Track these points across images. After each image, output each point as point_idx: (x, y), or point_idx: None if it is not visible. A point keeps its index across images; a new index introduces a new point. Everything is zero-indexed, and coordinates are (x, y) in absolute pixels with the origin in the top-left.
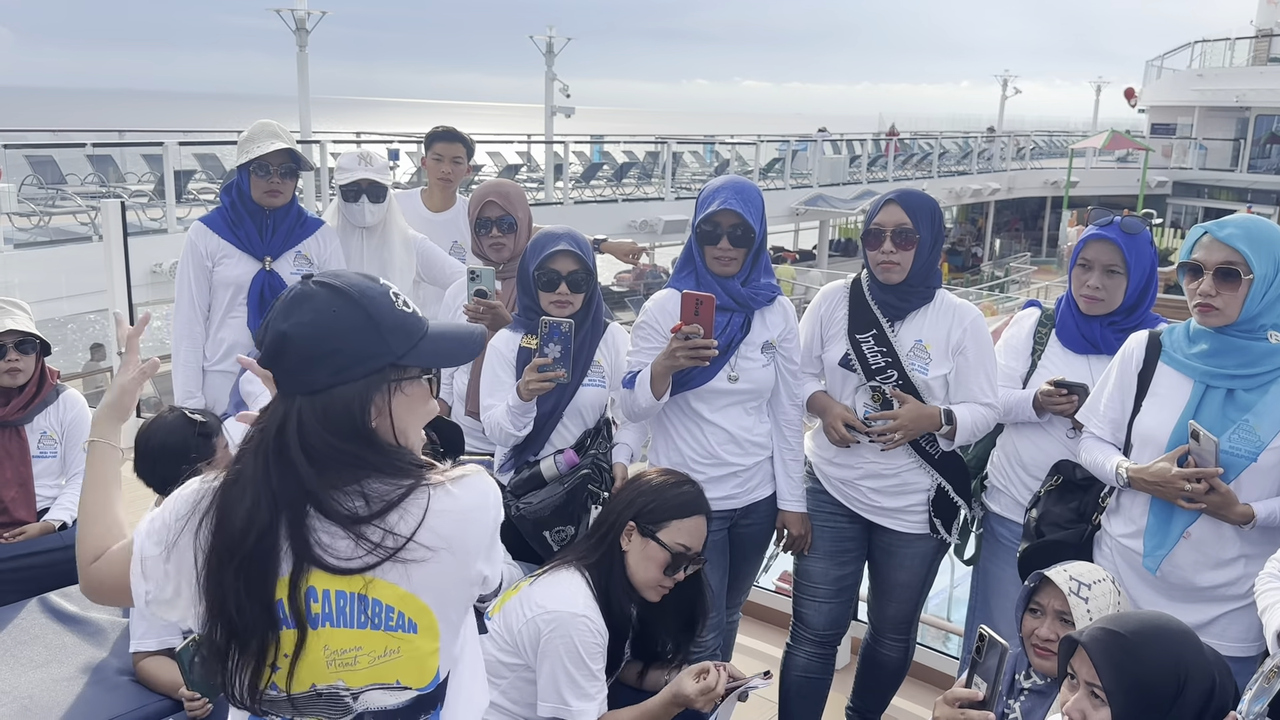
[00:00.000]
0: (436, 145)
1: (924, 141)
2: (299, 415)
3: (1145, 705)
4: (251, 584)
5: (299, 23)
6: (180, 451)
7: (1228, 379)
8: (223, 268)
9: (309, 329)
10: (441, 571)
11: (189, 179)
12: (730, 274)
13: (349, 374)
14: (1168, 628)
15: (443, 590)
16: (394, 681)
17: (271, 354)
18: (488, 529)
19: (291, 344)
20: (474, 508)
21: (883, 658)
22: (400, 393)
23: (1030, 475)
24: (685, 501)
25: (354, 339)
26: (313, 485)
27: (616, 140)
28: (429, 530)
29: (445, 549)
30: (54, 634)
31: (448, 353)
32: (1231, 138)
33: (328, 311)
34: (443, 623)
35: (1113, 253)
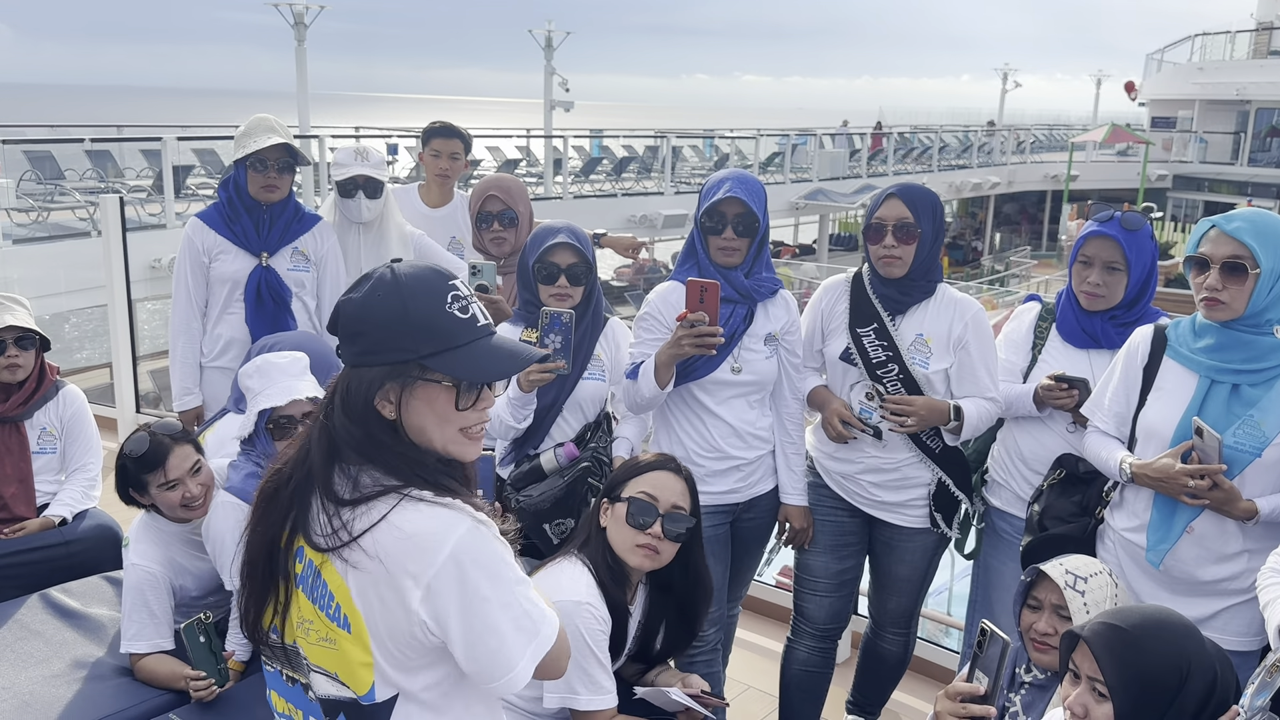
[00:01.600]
0: (434, 141)
1: (924, 135)
2: (338, 384)
3: (1148, 699)
4: (268, 526)
5: (297, 17)
6: (122, 477)
7: (1233, 374)
8: (220, 263)
9: (355, 306)
10: (372, 583)
11: (187, 174)
12: (734, 264)
13: (371, 358)
14: (1169, 621)
15: (370, 604)
16: (333, 672)
17: (331, 321)
18: (428, 563)
19: (339, 315)
20: (422, 535)
21: (883, 651)
22: (415, 393)
23: (1031, 470)
24: (648, 462)
25: (382, 327)
26: (328, 453)
27: (616, 135)
28: (372, 537)
29: (379, 562)
30: (54, 630)
31: (481, 367)
32: (1232, 131)
33: (373, 294)
34: (374, 640)
35: (1113, 249)
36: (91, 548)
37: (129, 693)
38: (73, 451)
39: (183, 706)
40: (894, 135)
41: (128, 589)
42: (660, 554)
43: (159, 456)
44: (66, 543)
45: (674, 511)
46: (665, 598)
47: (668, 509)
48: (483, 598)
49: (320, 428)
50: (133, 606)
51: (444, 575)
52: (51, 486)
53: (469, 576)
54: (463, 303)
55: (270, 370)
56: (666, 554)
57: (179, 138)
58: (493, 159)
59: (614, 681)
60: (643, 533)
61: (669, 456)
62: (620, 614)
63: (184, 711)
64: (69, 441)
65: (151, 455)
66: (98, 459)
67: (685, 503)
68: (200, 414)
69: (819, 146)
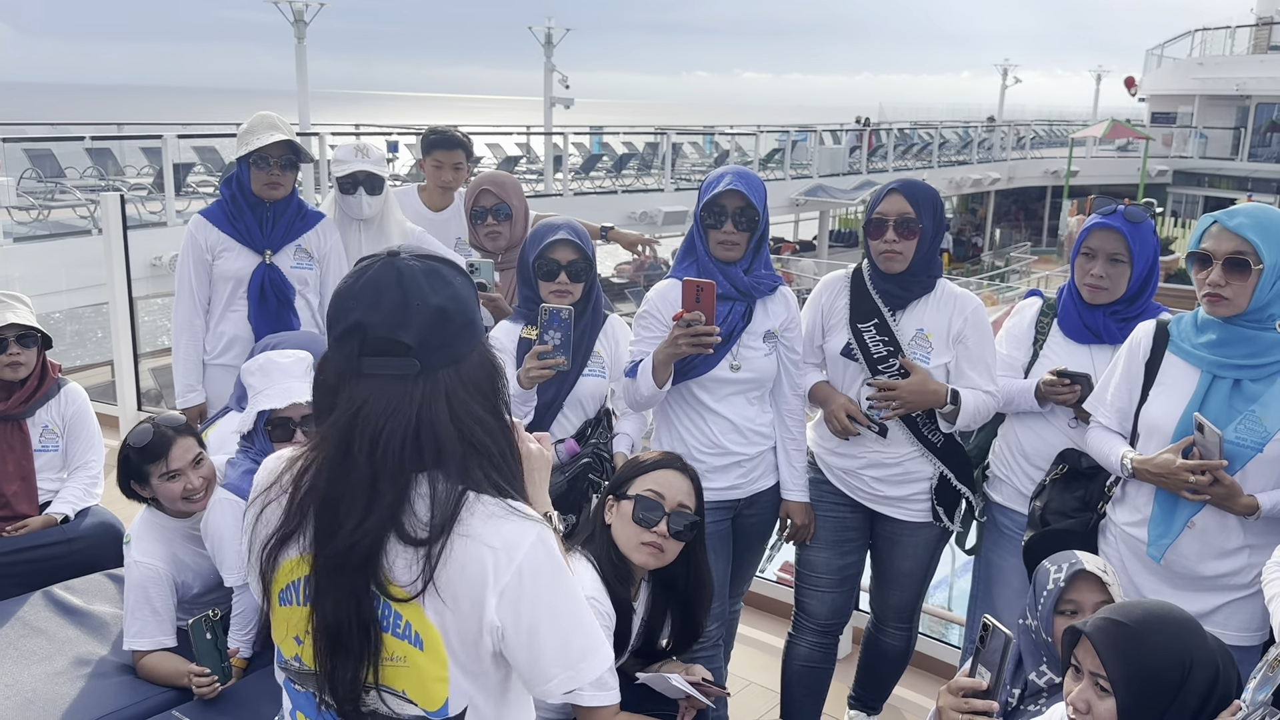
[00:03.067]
0: (436, 153)
1: (924, 131)
2: (447, 386)
3: (1151, 694)
4: (341, 596)
5: (297, 15)
6: (123, 469)
7: (1235, 369)
8: (223, 261)
9: (458, 301)
10: (450, 596)
11: (188, 172)
12: (733, 259)
13: (476, 342)
14: (1171, 616)
15: (444, 617)
16: (400, 690)
17: (430, 329)
18: (503, 571)
19: (449, 316)
20: (498, 545)
21: (885, 646)
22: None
23: (1032, 465)
24: (654, 460)
25: (475, 304)
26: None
27: (616, 131)
28: (446, 555)
29: (456, 575)
30: (57, 627)
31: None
32: (1232, 126)
33: (458, 280)
34: (449, 652)
35: (1117, 241)
36: (94, 545)
37: (132, 690)
38: (75, 449)
39: (186, 704)
40: (881, 132)
41: (130, 586)
42: (665, 552)
43: (162, 446)
44: (69, 540)
45: (680, 510)
46: (668, 595)
47: (674, 507)
48: (550, 596)
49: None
50: (135, 604)
51: (516, 582)
52: (53, 484)
53: (539, 580)
54: None
55: (272, 370)
56: (671, 552)
57: (179, 135)
58: (493, 156)
59: (617, 678)
60: (648, 530)
61: (675, 455)
62: (624, 610)
63: (187, 709)
64: (71, 439)
65: (154, 445)
66: (99, 457)
67: (691, 501)
68: (203, 411)
69: (819, 143)
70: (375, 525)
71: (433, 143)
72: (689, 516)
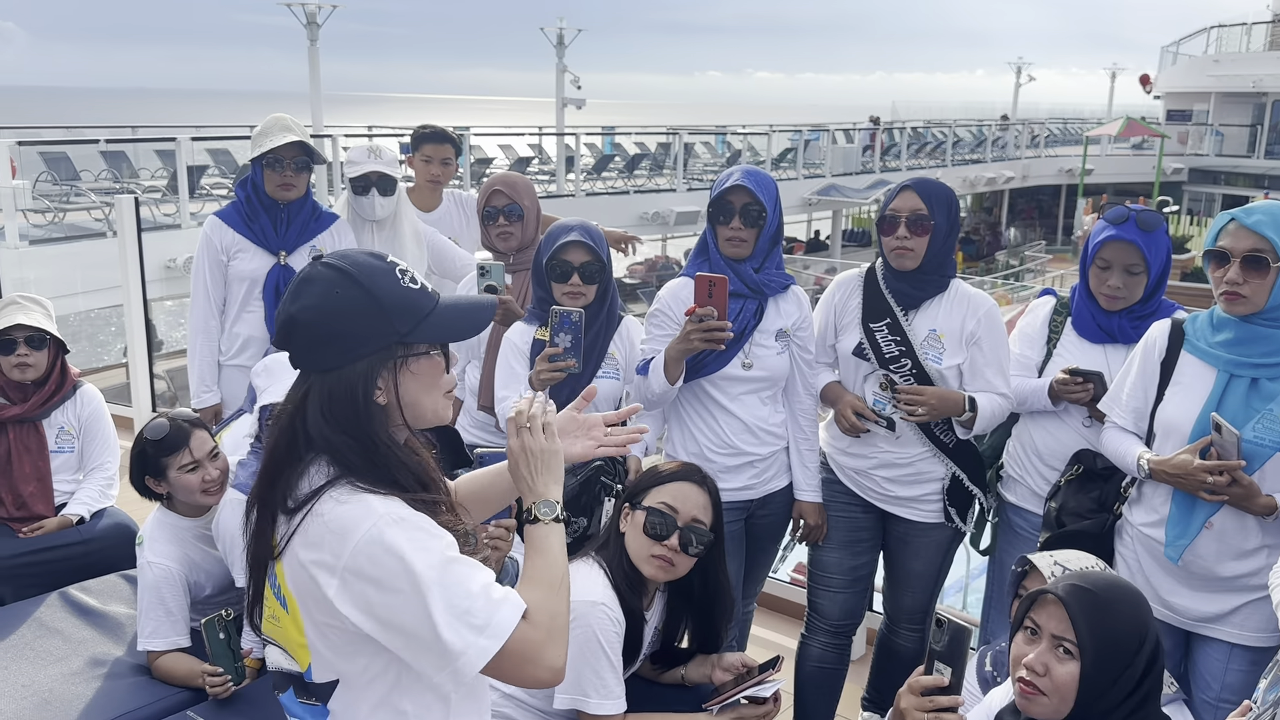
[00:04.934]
0: (425, 147)
1: (938, 130)
2: (307, 394)
3: (1111, 661)
4: (256, 548)
5: (310, 17)
6: (140, 465)
7: (1252, 368)
8: (238, 262)
9: (314, 312)
10: (299, 567)
11: (202, 174)
12: (742, 256)
13: (355, 354)
14: (1127, 587)
15: (300, 588)
16: (282, 646)
17: (282, 336)
18: (338, 553)
19: (299, 326)
20: (337, 524)
21: (899, 647)
22: (407, 370)
23: (1046, 465)
24: (672, 471)
25: (358, 320)
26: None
27: (628, 132)
28: (303, 526)
29: (302, 549)
30: (73, 628)
31: (455, 326)
32: (1248, 123)
33: (331, 294)
34: (307, 622)
35: (1132, 253)
36: (109, 546)
37: (147, 690)
38: (90, 450)
39: (200, 704)
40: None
41: (144, 587)
42: (676, 566)
43: (181, 438)
44: (84, 541)
45: (693, 524)
46: (684, 606)
47: (687, 521)
48: (396, 589)
49: (277, 440)
50: (149, 604)
51: (355, 565)
52: (69, 485)
53: (381, 566)
54: (409, 274)
55: (276, 368)
56: (682, 567)
57: (193, 138)
58: (505, 157)
59: (623, 686)
60: (659, 544)
61: (695, 467)
62: (635, 620)
63: (202, 709)
64: (87, 440)
65: (174, 437)
66: (115, 458)
67: (706, 516)
68: (219, 411)
69: (832, 142)
70: (273, 493)
71: (422, 137)
72: (702, 532)
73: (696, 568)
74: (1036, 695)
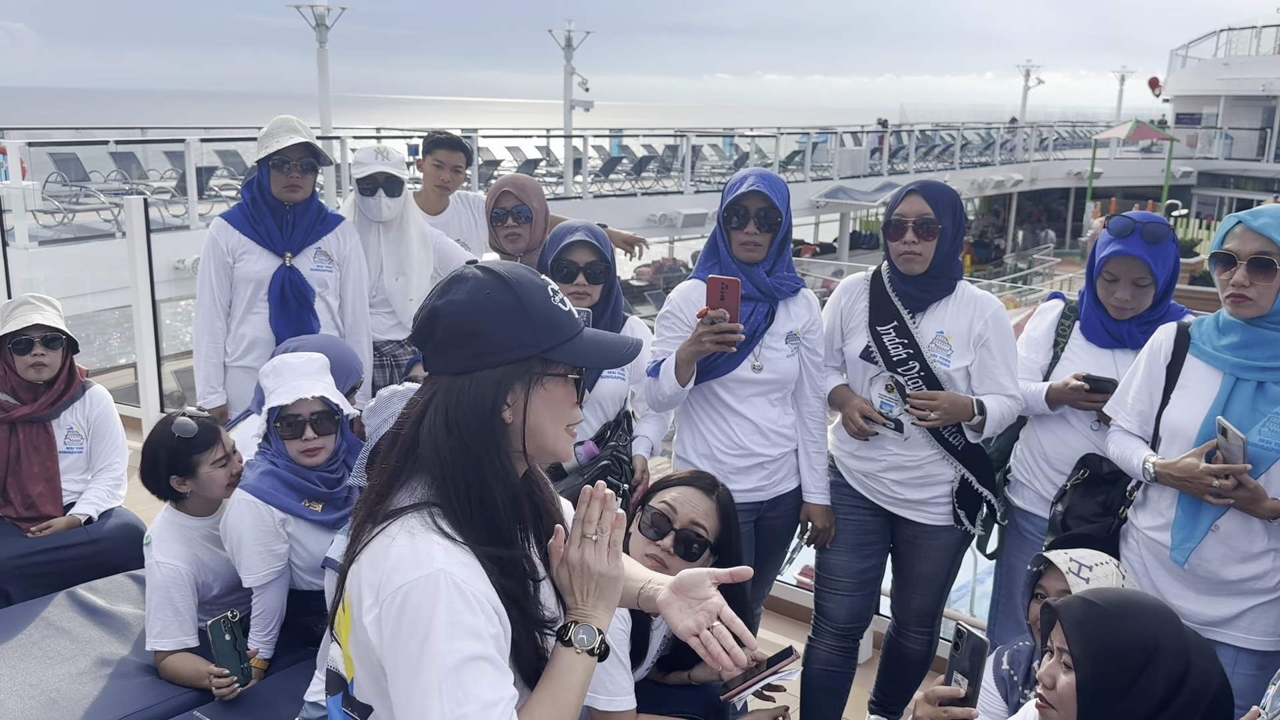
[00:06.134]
0: (438, 152)
1: (946, 133)
2: (433, 398)
3: (1109, 674)
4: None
5: (319, 19)
6: (168, 464)
7: (1258, 371)
8: (244, 263)
9: (459, 306)
10: (355, 580)
11: (211, 175)
12: (756, 260)
13: (491, 359)
14: (1145, 604)
15: (353, 601)
16: (342, 647)
17: (422, 329)
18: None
19: (440, 320)
20: (395, 557)
21: (906, 650)
22: (541, 388)
23: (1054, 469)
24: (682, 476)
25: (502, 324)
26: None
27: (635, 134)
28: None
29: (362, 565)
30: (81, 627)
31: (599, 354)
32: (1258, 127)
33: (480, 292)
34: (352, 635)
35: (1139, 267)
36: (117, 546)
37: (154, 690)
38: (99, 451)
39: (207, 704)
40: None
41: (152, 587)
42: (669, 569)
43: (214, 433)
44: (92, 541)
45: (690, 528)
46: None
47: (684, 524)
48: (407, 655)
49: (397, 445)
50: (157, 604)
51: (389, 605)
52: (78, 485)
53: (410, 621)
54: (559, 296)
55: (284, 370)
56: (677, 570)
57: (202, 139)
58: (513, 159)
59: (632, 682)
60: (653, 544)
61: (708, 476)
62: (641, 620)
63: (208, 709)
64: (95, 441)
65: (206, 434)
66: (123, 458)
67: (708, 523)
68: (224, 412)
69: (840, 145)
70: (370, 496)
71: (436, 142)
72: (699, 537)
73: None
74: (1046, 708)
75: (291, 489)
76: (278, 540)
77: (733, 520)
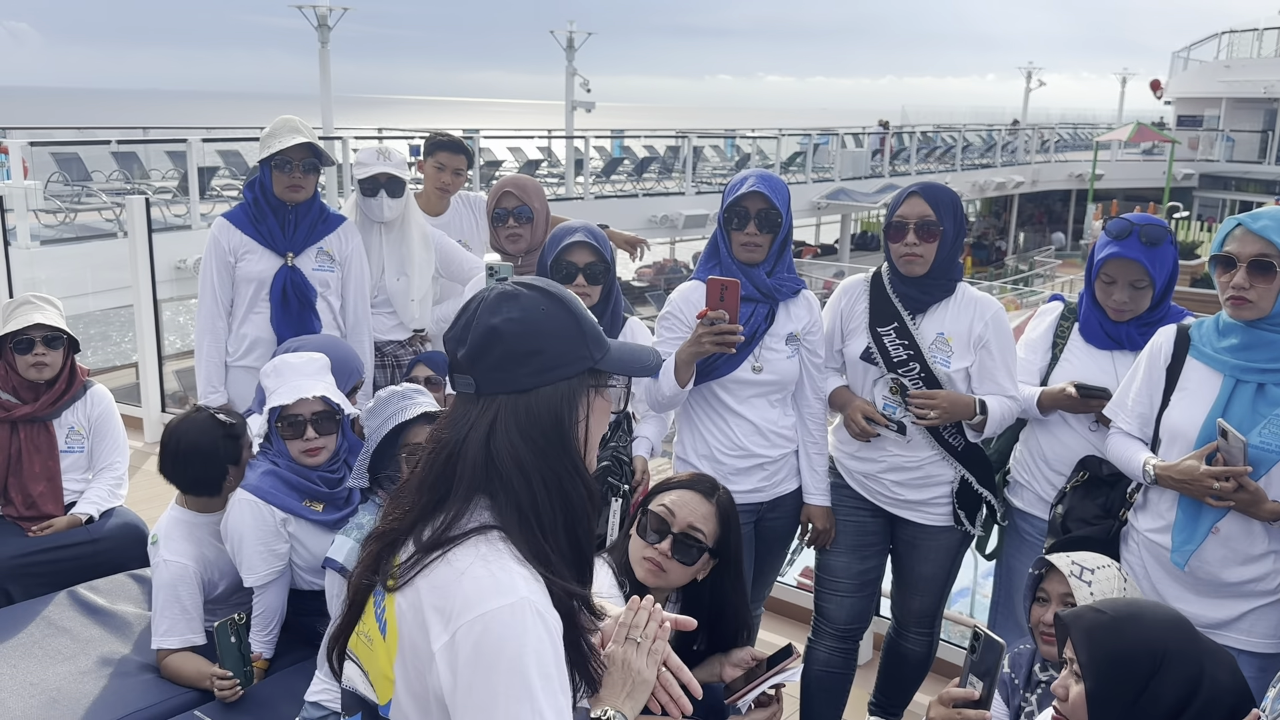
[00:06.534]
0: (440, 154)
1: (947, 135)
2: (496, 418)
3: (1117, 682)
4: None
5: (320, 19)
6: (209, 453)
7: (1258, 373)
8: (245, 263)
9: (519, 325)
10: (413, 604)
11: (212, 175)
12: (756, 261)
13: (553, 375)
14: (1154, 612)
15: (406, 622)
16: (365, 669)
17: (479, 349)
18: (462, 611)
19: (501, 339)
20: (472, 581)
21: (906, 651)
22: (600, 397)
23: (1054, 470)
24: (683, 479)
25: (561, 340)
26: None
27: (637, 135)
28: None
29: (426, 588)
30: (82, 627)
31: (631, 362)
32: (1259, 129)
33: (537, 309)
34: (399, 658)
35: (1136, 269)
36: (118, 545)
37: (155, 690)
38: (100, 450)
39: (208, 704)
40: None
41: (159, 585)
42: (667, 572)
43: (244, 423)
44: (93, 540)
45: (688, 532)
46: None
47: (681, 528)
48: (491, 686)
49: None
50: (165, 602)
51: (468, 633)
52: (79, 485)
53: (488, 653)
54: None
55: (284, 370)
56: (674, 573)
57: (204, 139)
58: (514, 160)
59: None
60: (649, 546)
61: (707, 479)
62: None
63: (209, 709)
64: (96, 440)
65: (242, 423)
66: (124, 458)
67: (706, 527)
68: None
69: (841, 146)
70: (410, 518)
71: (437, 144)
72: (697, 541)
73: (707, 583)
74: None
75: (292, 489)
76: (279, 540)
77: (733, 524)
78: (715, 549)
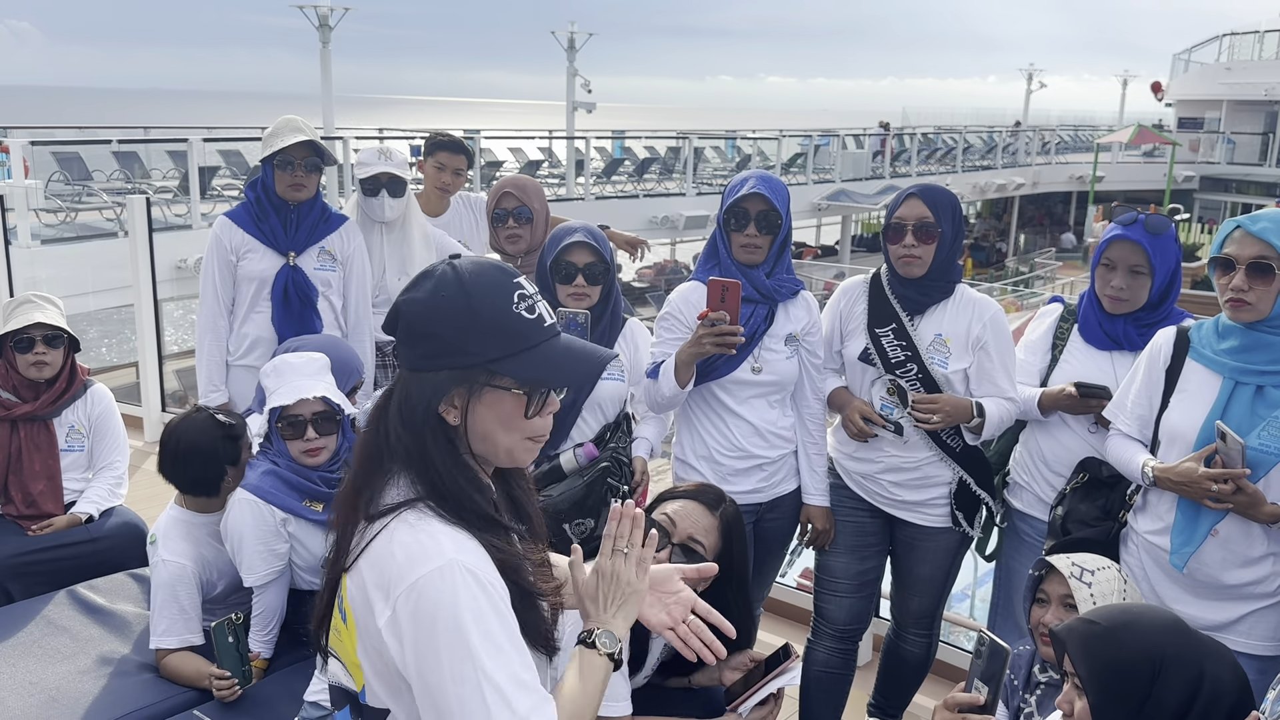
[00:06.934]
0: (440, 154)
1: (948, 136)
2: (393, 392)
3: (1119, 691)
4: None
5: (322, 19)
6: (208, 453)
7: (1257, 375)
8: (247, 262)
9: (416, 306)
10: (359, 586)
11: (213, 175)
12: (756, 262)
13: (435, 362)
14: (1148, 617)
15: (357, 606)
16: (342, 660)
17: (389, 322)
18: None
19: (400, 317)
20: (403, 552)
21: (906, 653)
22: (481, 399)
23: (1053, 472)
24: (687, 489)
25: (449, 329)
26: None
27: (638, 136)
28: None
29: (367, 567)
30: (81, 626)
31: (559, 368)
32: (1260, 131)
33: (437, 293)
34: (360, 643)
35: (1137, 253)
36: (117, 545)
37: (154, 689)
38: (100, 449)
39: (207, 703)
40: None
41: (158, 585)
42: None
43: (244, 424)
44: (93, 540)
45: (688, 544)
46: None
47: (682, 539)
48: (434, 649)
49: (366, 438)
50: (163, 602)
51: (405, 603)
52: (79, 484)
53: (425, 617)
54: (529, 301)
55: (285, 370)
56: None
57: (205, 139)
58: (515, 160)
59: (629, 689)
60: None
61: (714, 490)
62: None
63: (208, 709)
64: (96, 439)
65: (241, 424)
66: (124, 457)
67: (707, 539)
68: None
69: (842, 147)
70: (357, 500)
71: (438, 144)
72: (695, 554)
73: (708, 594)
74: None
75: (292, 488)
76: (278, 540)
77: (736, 538)
78: (714, 561)
